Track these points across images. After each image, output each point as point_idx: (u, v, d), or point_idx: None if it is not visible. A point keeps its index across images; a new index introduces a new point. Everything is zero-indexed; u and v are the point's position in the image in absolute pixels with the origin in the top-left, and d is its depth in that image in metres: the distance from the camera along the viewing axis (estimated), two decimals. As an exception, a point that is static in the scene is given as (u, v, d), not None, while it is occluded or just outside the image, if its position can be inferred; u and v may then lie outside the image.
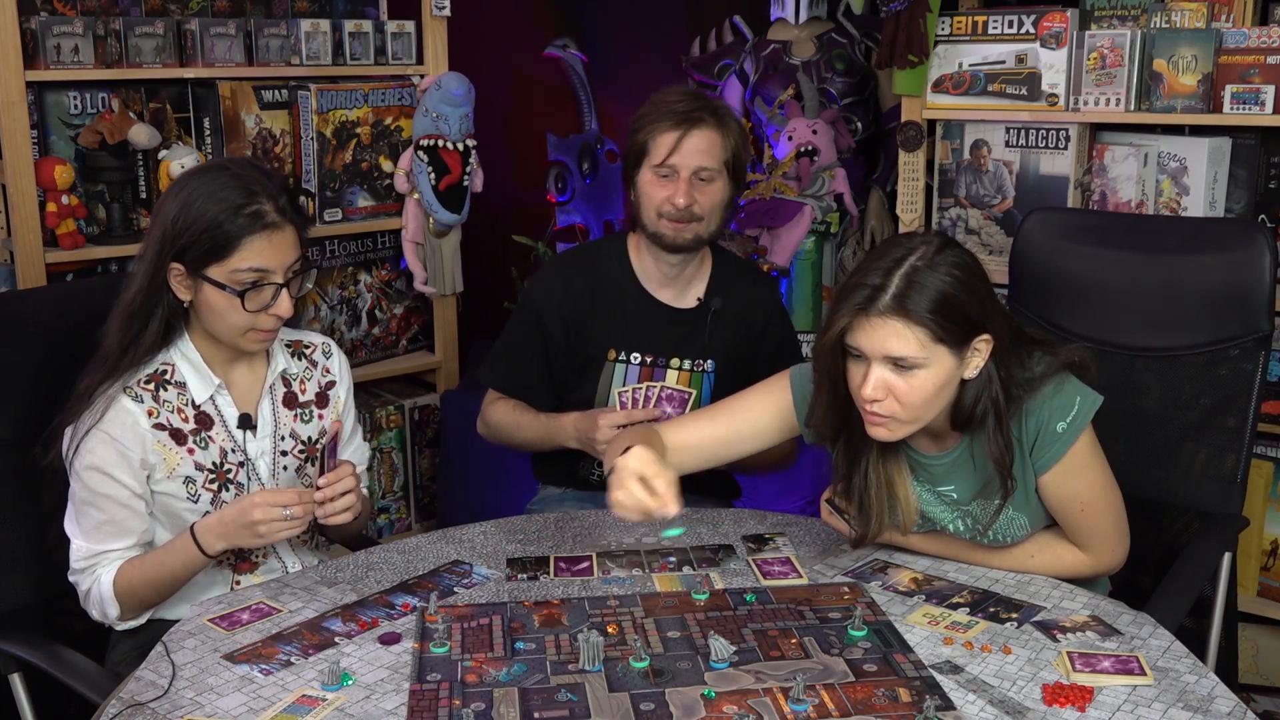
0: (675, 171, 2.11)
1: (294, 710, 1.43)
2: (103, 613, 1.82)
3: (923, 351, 1.60)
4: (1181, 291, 2.15)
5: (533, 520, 2.01)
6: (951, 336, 1.61)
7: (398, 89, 3.24)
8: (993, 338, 1.65)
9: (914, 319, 1.59)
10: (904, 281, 1.59)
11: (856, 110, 3.55)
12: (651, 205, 2.14)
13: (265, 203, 1.76)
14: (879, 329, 1.60)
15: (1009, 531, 1.79)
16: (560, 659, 1.52)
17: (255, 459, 1.90)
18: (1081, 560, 1.79)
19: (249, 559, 1.92)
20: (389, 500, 3.46)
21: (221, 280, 1.76)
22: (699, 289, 2.25)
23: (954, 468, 1.78)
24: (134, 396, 1.81)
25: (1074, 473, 1.73)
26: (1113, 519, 1.78)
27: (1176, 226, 2.38)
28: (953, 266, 1.62)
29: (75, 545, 1.82)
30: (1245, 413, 2.10)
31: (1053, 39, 2.70)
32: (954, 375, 1.65)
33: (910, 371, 1.61)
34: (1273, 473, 2.67)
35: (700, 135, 2.11)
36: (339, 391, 2.02)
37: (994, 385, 1.67)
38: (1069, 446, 1.71)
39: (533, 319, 2.26)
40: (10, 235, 2.73)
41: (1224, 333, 2.11)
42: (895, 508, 1.78)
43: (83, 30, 2.73)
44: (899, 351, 1.60)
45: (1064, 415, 1.70)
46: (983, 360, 1.66)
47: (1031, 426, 1.71)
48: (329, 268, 3.27)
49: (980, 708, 1.41)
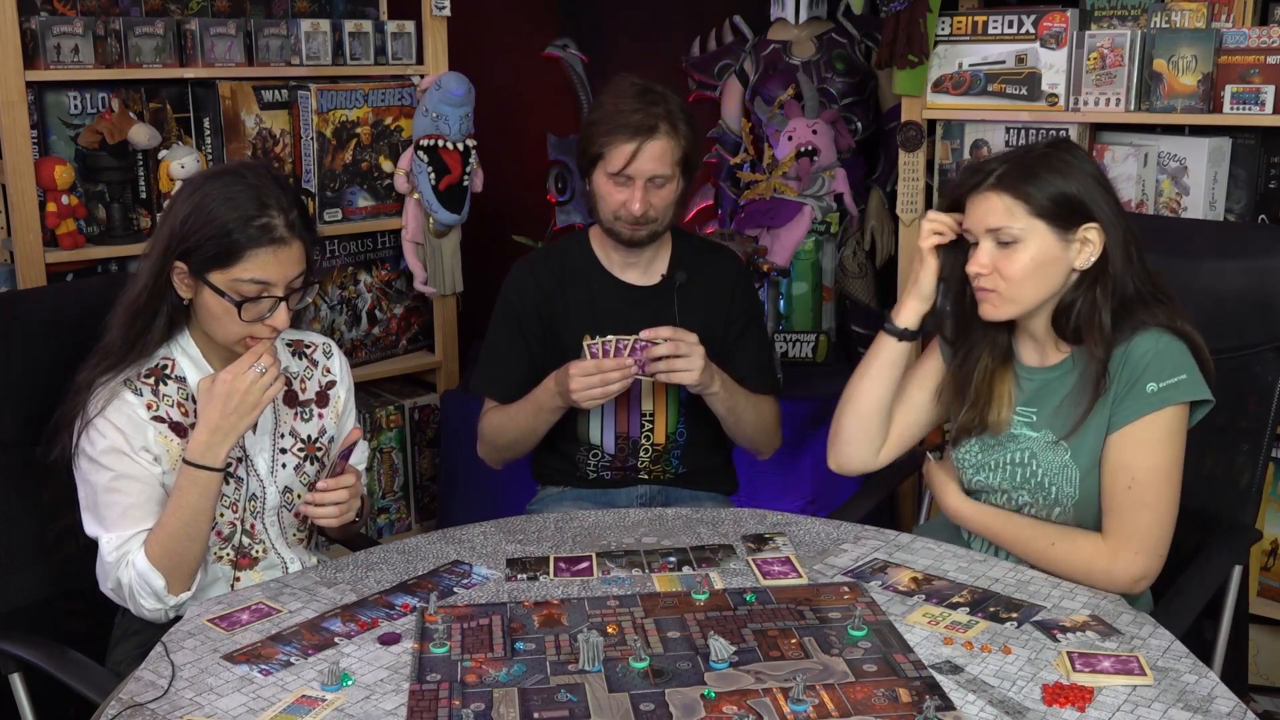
0: (630, 179, 2.16)
1: (294, 710, 1.43)
2: (152, 592, 1.77)
3: (1019, 223, 1.72)
4: (1201, 296, 2.09)
5: (532, 520, 2.01)
6: (1050, 214, 1.72)
7: (398, 89, 3.25)
8: (1102, 230, 1.73)
9: (1011, 192, 1.73)
10: (1010, 164, 1.75)
11: (856, 110, 3.55)
12: (608, 208, 2.20)
13: (276, 216, 1.77)
14: (981, 204, 1.76)
15: (1058, 480, 1.79)
16: (560, 659, 1.52)
17: (254, 455, 1.91)
18: (1100, 550, 1.73)
19: (249, 555, 1.92)
20: (389, 500, 3.46)
21: (222, 287, 1.77)
22: (662, 265, 2.31)
23: (1045, 387, 1.83)
24: (134, 390, 1.81)
25: (1140, 445, 1.72)
26: (1153, 517, 1.72)
27: (1199, 230, 2.35)
28: (1061, 155, 1.75)
29: (104, 541, 1.79)
30: (1263, 421, 2.04)
31: (1053, 39, 2.70)
32: (1058, 259, 1.74)
33: (1011, 247, 1.73)
34: (1273, 473, 2.67)
35: (655, 145, 2.14)
36: (339, 391, 2.03)
37: (1101, 284, 1.74)
38: (1148, 413, 1.71)
39: (511, 321, 2.30)
40: (10, 235, 2.73)
41: (1244, 339, 2.06)
42: (993, 404, 1.86)
43: (83, 30, 2.73)
44: (996, 223, 1.74)
45: (1159, 378, 1.71)
46: (1094, 253, 1.74)
47: (1128, 365, 1.73)
48: (329, 268, 3.27)
49: (980, 708, 1.41)
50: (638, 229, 2.20)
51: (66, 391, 1.81)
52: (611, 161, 2.16)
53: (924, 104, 2.90)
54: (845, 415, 1.98)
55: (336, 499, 1.85)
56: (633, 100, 2.16)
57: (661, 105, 2.16)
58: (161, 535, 1.78)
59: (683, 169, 2.20)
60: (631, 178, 2.15)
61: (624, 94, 2.18)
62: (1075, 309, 1.76)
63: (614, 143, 2.14)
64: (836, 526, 1.96)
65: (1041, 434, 1.82)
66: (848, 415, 1.98)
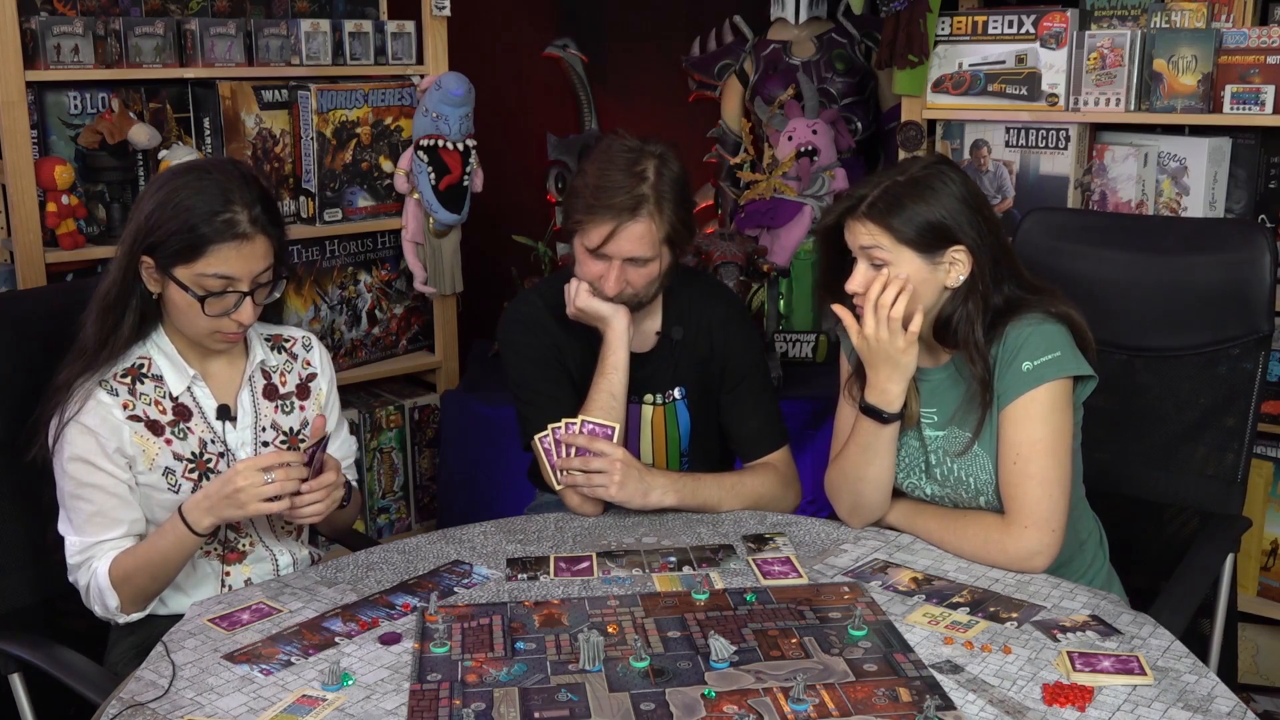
0: (608, 257, 2.04)
1: (294, 710, 1.43)
2: (104, 605, 1.83)
3: (888, 251, 1.80)
4: (1181, 291, 2.15)
5: (533, 520, 2.01)
6: (915, 243, 1.79)
7: (398, 89, 3.24)
8: (969, 250, 1.80)
9: (878, 222, 1.80)
10: (879, 191, 1.81)
11: (856, 110, 3.55)
12: (585, 276, 2.08)
13: (240, 211, 1.78)
14: (855, 227, 1.83)
15: (972, 470, 1.85)
16: (560, 659, 1.52)
17: (236, 449, 1.91)
18: (996, 526, 1.79)
19: (236, 549, 1.93)
20: (389, 500, 3.46)
21: (186, 282, 1.78)
22: (655, 323, 2.19)
23: (938, 387, 1.89)
24: (109, 390, 1.83)
25: (1022, 420, 1.79)
26: (1040, 490, 1.77)
27: (1176, 226, 2.38)
28: (930, 181, 1.81)
29: (69, 542, 1.83)
30: (1245, 413, 2.10)
31: (1053, 39, 2.70)
32: (928, 279, 1.81)
33: (883, 268, 1.80)
34: (1273, 473, 2.67)
35: (634, 227, 1.99)
36: (321, 384, 2.04)
37: (973, 298, 1.81)
38: (1027, 390, 1.78)
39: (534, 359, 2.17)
40: (10, 235, 2.73)
41: (1224, 333, 2.11)
42: None
43: (83, 30, 2.73)
44: (868, 244, 1.81)
45: (1033, 356, 1.78)
46: (963, 272, 1.81)
47: (1004, 352, 1.81)
48: (329, 268, 3.27)
49: (980, 707, 1.41)
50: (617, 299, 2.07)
51: (46, 390, 1.83)
52: (588, 238, 2.02)
53: (924, 104, 2.90)
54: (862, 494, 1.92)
55: (317, 499, 1.81)
56: (619, 175, 2.00)
57: (648, 182, 2.00)
58: (130, 564, 1.80)
59: (669, 245, 2.06)
60: (609, 256, 2.03)
61: (611, 164, 2.02)
62: (953, 321, 1.84)
63: (591, 221, 2.01)
64: (836, 526, 1.96)
65: (946, 432, 1.89)
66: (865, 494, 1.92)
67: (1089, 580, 1.89)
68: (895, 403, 1.85)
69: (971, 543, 1.81)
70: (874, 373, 1.84)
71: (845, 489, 1.94)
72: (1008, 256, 1.86)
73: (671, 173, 2.04)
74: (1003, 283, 1.84)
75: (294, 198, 3.15)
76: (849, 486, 1.93)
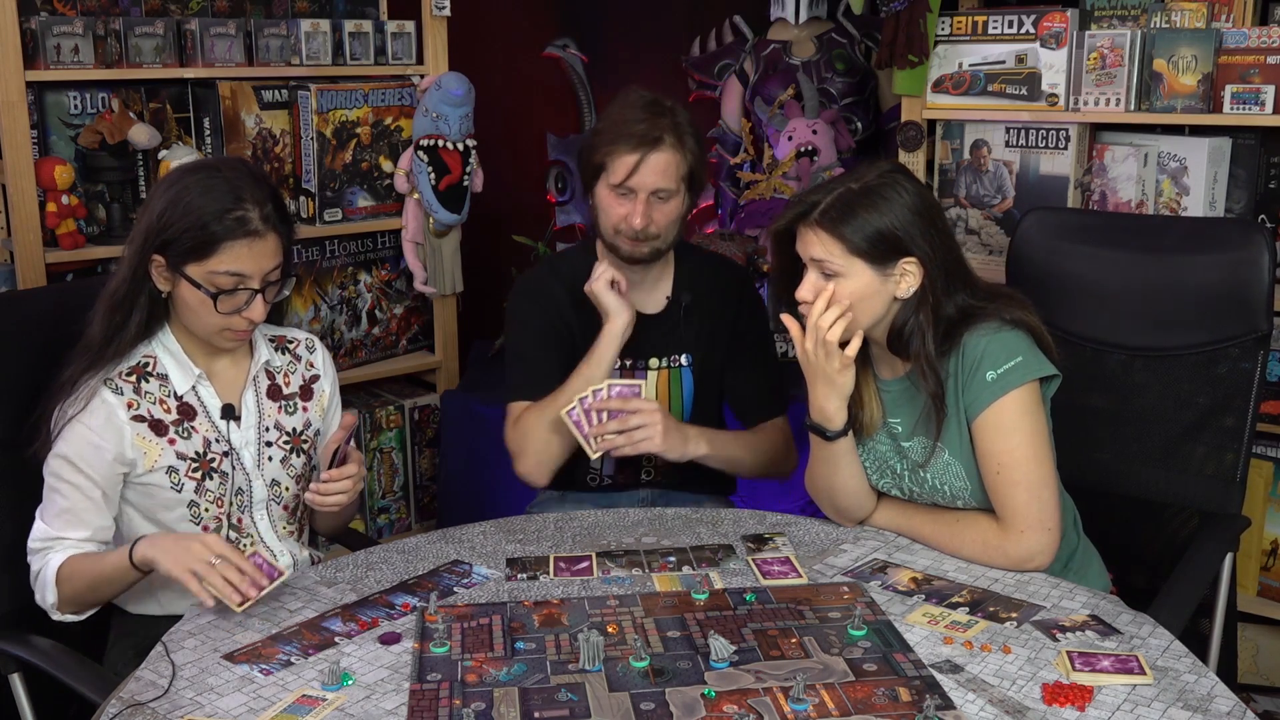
0: (633, 192, 2.10)
1: (294, 710, 1.43)
2: (42, 597, 1.83)
3: (838, 260, 1.78)
4: (1180, 291, 2.15)
5: (532, 520, 2.01)
6: (866, 253, 1.77)
7: (398, 89, 3.25)
8: (920, 262, 1.78)
9: (829, 231, 1.78)
10: (832, 199, 1.79)
11: (856, 110, 3.55)
12: (609, 221, 2.14)
13: (251, 209, 1.79)
14: (806, 235, 1.81)
15: (945, 478, 1.85)
16: (560, 659, 1.52)
17: (240, 449, 1.92)
18: (992, 531, 1.79)
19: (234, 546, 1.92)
20: (389, 500, 3.46)
21: (198, 280, 1.79)
22: (666, 287, 2.26)
23: (900, 398, 1.89)
24: (114, 389, 1.83)
25: (996, 430, 1.78)
26: (1028, 494, 1.77)
27: (1175, 226, 2.38)
28: (883, 190, 1.79)
29: (36, 525, 1.85)
30: (1244, 412, 2.10)
31: (1053, 39, 2.70)
32: (879, 290, 1.80)
33: (833, 278, 1.79)
34: (1273, 473, 2.67)
35: (659, 157, 2.08)
36: (324, 385, 2.04)
37: (924, 310, 1.80)
38: (995, 399, 1.77)
39: (532, 326, 2.23)
40: (10, 235, 2.73)
41: (1223, 332, 2.11)
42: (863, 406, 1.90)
43: (83, 30, 2.73)
44: (818, 256, 1.79)
45: (995, 365, 1.78)
46: (914, 283, 1.80)
47: (964, 363, 1.80)
48: (329, 268, 3.27)
49: (980, 707, 1.41)
50: (638, 245, 2.13)
51: (51, 386, 1.83)
52: (614, 173, 2.09)
53: (924, 104, 2.90)
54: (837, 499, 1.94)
55: (341, 488, 1.86)
56: (639, 111, 2.10)
57: (668, 117, 2.10)
58: (76, 567, 1.80)
59: (688, 185, 2.14)
60: (634, 190, 2.09)
61: (630, 105, 2.12)
62: (905, 331, 1.83)
63: (617, 153, 2.09)
64: (836, 527, 1.96)
65: (915, 441, 1.87)
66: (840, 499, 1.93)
67: (1066, 556, 1.89)
68: (835, 420, 1.85)
69: (970, 547, 1.81)
70: (812, 390, 1.85)
71: (821, 496, 1.96)
72: (960, 267, 1.85)
73: (688, 115, 2.15)
74: (955, 293, 1.82)
75: (294, 198, 3.15)
76: (823, 494, 1.95)
